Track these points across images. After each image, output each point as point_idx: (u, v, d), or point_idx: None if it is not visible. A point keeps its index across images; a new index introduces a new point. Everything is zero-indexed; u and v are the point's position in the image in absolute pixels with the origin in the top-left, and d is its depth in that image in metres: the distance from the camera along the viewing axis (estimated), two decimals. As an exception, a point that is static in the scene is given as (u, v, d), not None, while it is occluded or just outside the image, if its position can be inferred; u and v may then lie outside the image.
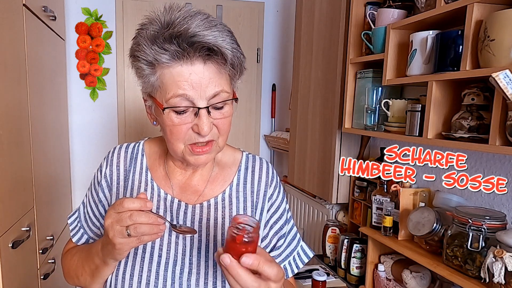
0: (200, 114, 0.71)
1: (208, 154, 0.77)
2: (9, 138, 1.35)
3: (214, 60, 0.70)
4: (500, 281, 1.00)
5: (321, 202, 2.14)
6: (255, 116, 3.00)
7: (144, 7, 2.66)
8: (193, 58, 0.69)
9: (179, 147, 0.75)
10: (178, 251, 0.80)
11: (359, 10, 1.60)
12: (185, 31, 0.67)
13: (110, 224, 0.67)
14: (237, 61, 0.73)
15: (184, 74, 0.69)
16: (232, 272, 0.59)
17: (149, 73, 0.71)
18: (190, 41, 0.67)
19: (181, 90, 0.69)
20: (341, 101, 1.76)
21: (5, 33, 1.33)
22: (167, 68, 0.70)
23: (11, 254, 1.32)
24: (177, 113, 0.72)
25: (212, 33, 0.68)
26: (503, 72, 0.93)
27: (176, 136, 0.74)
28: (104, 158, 0.90)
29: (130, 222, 0.65)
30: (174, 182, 0.86)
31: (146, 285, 0.77)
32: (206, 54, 0.69)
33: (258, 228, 0.62)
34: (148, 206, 0.67)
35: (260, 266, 0.60)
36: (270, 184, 0.89)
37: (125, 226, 0.66)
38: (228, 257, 0.59)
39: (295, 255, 0.91)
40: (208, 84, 0.70)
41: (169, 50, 0.67)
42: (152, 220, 0.66)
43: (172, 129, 0.73)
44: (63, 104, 2.39)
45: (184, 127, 0.72)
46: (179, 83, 0.69)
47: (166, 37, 0.68)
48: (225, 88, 0.73)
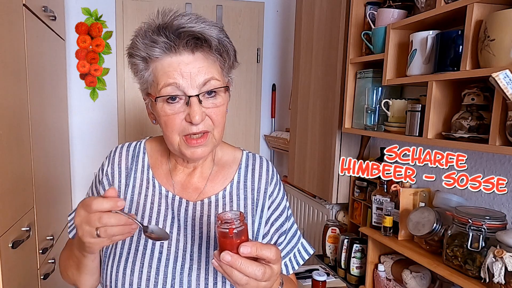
0: (191, 102, 0.73)
1: (204, 146, 0.78)
2: (9, 138, 1.35)
3: (201, 49, 0.73)
4: (500, 281, 1.00)
5: (321, 202, 2.14)
6: (255, 116, 3.00)
7: (144, 7, 2.66)
8: (180, 48, 0.72)
9: (174, 139, 0.77)
10: (178, 247, 0.80)
11: (359, 10, 1.60)
12: (173, 24, 0.72)
13: (79, 223, 0.66)
14: (224, 48, 0.75)
15: (173, 64, 0.72)
16: (236, 266, 0.59)
17: (143, 68, 0.75)
18: (177, 32, 0.71)
19: (171, 79, 0.72)
20: (341, 101, 1.76)
21: (5, 33, 1.33)
22: (159, 61, 0.73)
23: (11, 254, 1.32)
24: (169, 104, 0.74)
25: (198, 24, 0.72)
26: (503, 72, 0.93)
27: (170, 128, 0.76)
28: (106, 157, 0.91)
29: (99, 225, 0.64)
30: (176, 180, 0.87)
31: (147, 281, 0.77)
32: (193, 43, 0.72)
33: (243, 216, 0.64)
34: (119, 206, 0.66)
35: (258, 251, 0.60)
36: (270, 182, 0.90)
37: (94, 228, 0.65)
38: (227, 253, 0.60)
39: (295, 252, 0.92)
40: (197, 73, 0.73)
41: (158, 42, 0.71)
42: (122, 222, 0.66)
43: (166, 120, 0.75)
44: (63, 104, 2.39)
45: (177, 117, 0.74)
46: (169, 73, 0.72)
47: (155, 30, 0.72)
48: (215, 76, 0.75)
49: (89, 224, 0.65)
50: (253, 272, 0.60)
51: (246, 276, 0.60)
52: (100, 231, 0.65)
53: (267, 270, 0.61)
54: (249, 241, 0.61)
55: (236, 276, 0.60)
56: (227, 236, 0.61)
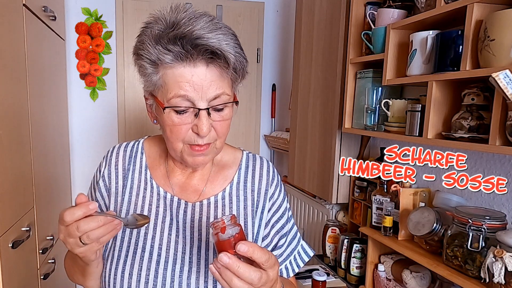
0: (200, 115, 0.71)
1: (205, 156, 0.78)
2: (9, 138, 1.35)
3: (216, 63, 0.70)
4: (500, 281, 1.00)
5: (321, 202, 2.14)
6: (255, 116, 3.00)
7: (144, 7, 2.66)
8: (196, 60, 0.69)
9: (178, 146, 0.76)
10: (177, 250, 0.80)
11: (359, 10, 1.60)
12: (190, 33, 0.67)
13: (64, 239, 0.66)
14: (240, 65, 0.73)
15: (186, 75, 0.70)
16: (233, 269, 0.59)
17: (152, 72, 0.72)
18: (194, 43, 0.67)
19: (183, 91, 0.70)
20: (341, 101, 1.76)
21: (5, 33, 1.33)
22: (170, 69, 0.70)
23: (11, 254, 1.32)
24: (178, 113, 0.72)
25: (216, 36, 0.68)
26: (503, 72, 0.93)
27: (176, 136, 0.74)
28: (103, 157, 0.90)
29: (79, 234, 0.64)
30: (174, 181, 0.86)
31: (145, 284, 0.77)
32: (209, 57, 0.69)
33: (235, 217, 0.64)
34: (91, 209, 0.64)
35: (255, 253, 0.59)
36: (271, 183, 0.89)
37: (77, 238, 0.64)
38: (225, 254, 0.59)
39: (295, 254, 0.91)
40: (209, 86, 0.70)
41: (173, 51, 0.68)
42: (102, 223, 0.64)
43: (172, 128, 0.74)
44: (63, 104, 2.39)
45: (184, 127, 0.73)
46: (181, 84, 0.70)
47: (171, 38, 0.68)
48: (226, 91, 0.73)
49: (71, 236, 0.64)
50: (250, 277, 0.59)
51: (243, 281, 0.59)
52: (83, 238, 0.64)
53: (263, 276, 0.60)
54: (247, 241, 0.61)
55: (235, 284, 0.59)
56: (222, 239, 0.61)
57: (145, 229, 0.81)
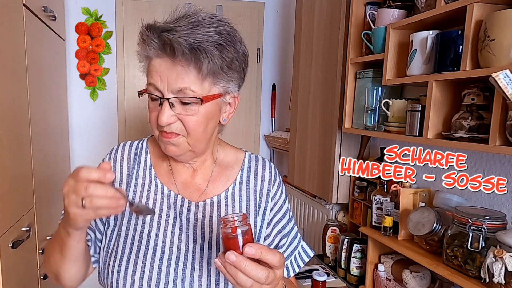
0: (163, 104, 0.75)
1: (175, 146, 0.78)
2: (9, 138, 1.35)
3: (184, 58, 0.71)
4: (500, 281, 1.00)
5: (321, 202, 2.14)
6: (255, 116, 3.00)
7: (144, 7, 2.66)
8: (165, 53, 0.73)
9: (155, 131, 0.80)
10: (181, 248, 0.80)
11: (359, 10, 1.60)
12: (166, 27, 0.72)
13: (66, 192, 0.65)
14: (216, 66, 0.72)
15: (156, 66, 0.74)
16: (240, 267, 0.59)
17: (143, 60, 0.79)
18: (166, 37, 0.71)
19: (153, 80, 0.75)
20: (341, 101, 1.76)
21: (5, 33, 1.33)
22: (150, 60, 0.76)
23: (11, 254, 1.32)
24: (152, 100, 0.77)
25: (193, 33, 0.70)
26: (503, 72, 0.93)
27: (151, 121, 0.79)
28: (107, 155, 0.90)
29: (85, 194, 0.62)
30: (178, 179, 0.86)
31: (148, 281, 0.77)
32: (178, 51, 0.70)
33: (246, 217, 0.64)
34: (108, 178, 0.64)
35: (263, 254, 0.60)
36: (273, 184, 0.90)
37: (80, 197, 0.63)
38: (232, 253, 0.59)
39: (296, 255, 0.92)
40: (176, 79, 0.73)
41: (150, 42, 0.73)
42: (110, 194, 0.63)
43: (149, 114, 0.79)
44: (63, 104, 2.39)
45: (154, 114, 0.77)
46: (152, 73, 0.75)
47: (156, 30, 0.72)
48: (191, 87, 0.73)
49: (75, 193, 0.63)
50: (257, 275, 0.59)
51: (250, 278, 0.60)
52: (86, 201, 0.62)
53: (270, 274, 0.61)
54: (254, 243, 0.61)
55: (240, 278, 0.60)
56: (231, 236, 0.61)
57: (149, 226, 0.81)
